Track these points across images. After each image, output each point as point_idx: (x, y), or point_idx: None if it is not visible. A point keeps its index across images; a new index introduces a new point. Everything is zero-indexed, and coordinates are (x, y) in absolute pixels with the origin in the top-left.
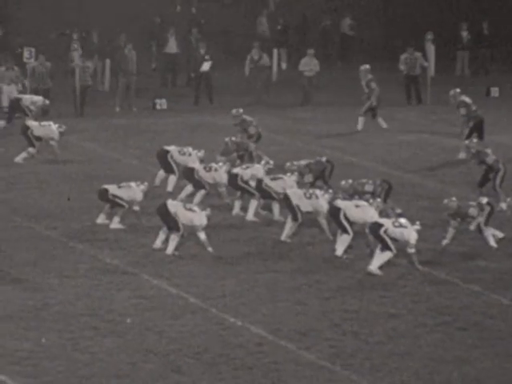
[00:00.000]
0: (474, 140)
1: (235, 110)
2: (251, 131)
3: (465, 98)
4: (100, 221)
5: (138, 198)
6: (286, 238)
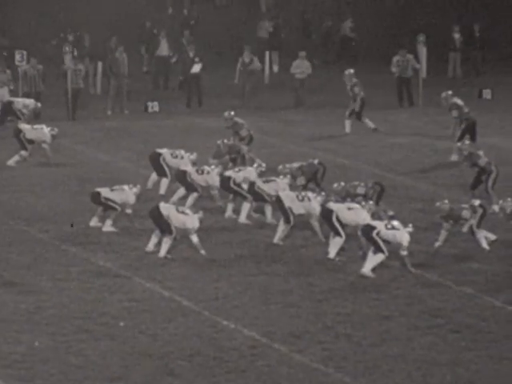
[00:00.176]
0: (467, 142)
1: (227, 112)
2: (243, 134)
3: (457, 100)
4: (93, 224)
5: (130, 201)
6: (278, 240)
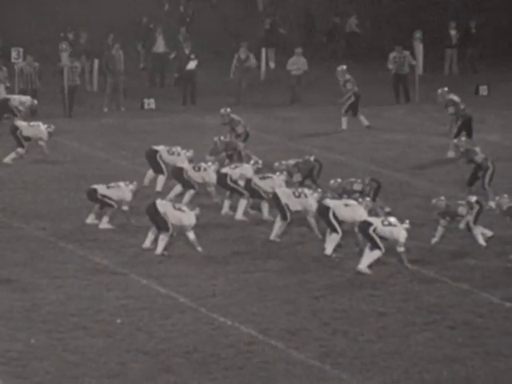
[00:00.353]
0: (463, 138)
1: (223, 109)
2: (239, 130)
3: (453, 97)
4: (89, 221)
5: (127, 198)
6: (275, 237)
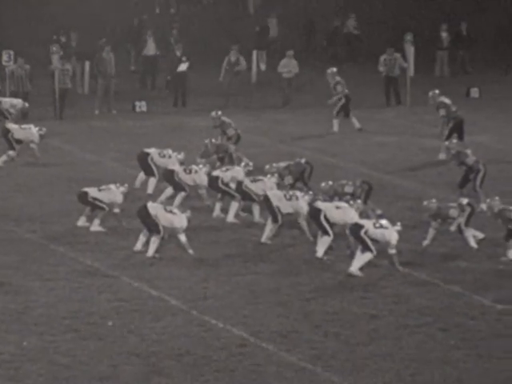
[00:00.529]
0: (454, 141)
1: (214, 112)
2: (230, 133)
3: (444, 99)
4: (80, 223)
5: (118, 201)
6: (266, 239)
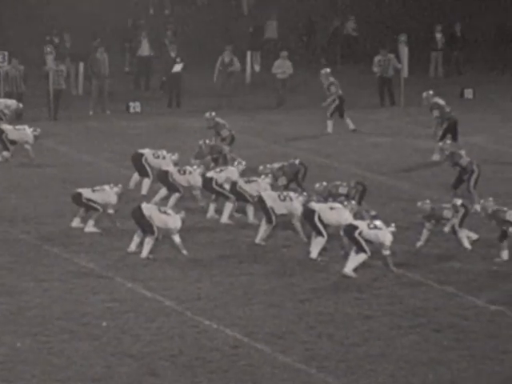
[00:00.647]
0: (448, 142)
1: (208, 113)
2: (224, 134)
3: (438, 100)
4: (75, 224)
5: (112, 201)
6: (260, 240)
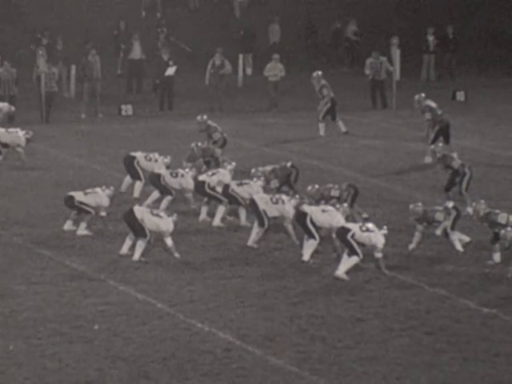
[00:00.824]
0: (440, 144)
1: (199, 116)
2: (215, 137)
3: (430, 103)
4: (67, 227)
5: (104, 204)
6: (252, 243)
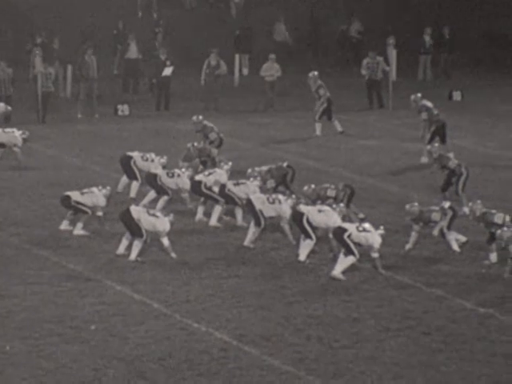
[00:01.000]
0: (436, 144)
1: (195, 116)
2: (212, 137)
3: (426, 103)
4: (63, 227)
5: (101, 203)
6: (249, 243)
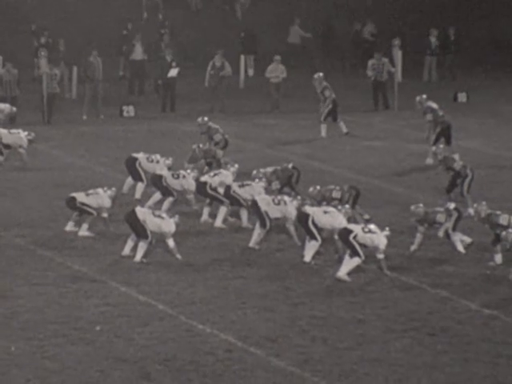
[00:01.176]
0: (441, 146)
1: (200, 118)
2: (217, 139)
3: (431, 104)
4: (68, 228)
5: (106, 205)
6: (254, 244)
